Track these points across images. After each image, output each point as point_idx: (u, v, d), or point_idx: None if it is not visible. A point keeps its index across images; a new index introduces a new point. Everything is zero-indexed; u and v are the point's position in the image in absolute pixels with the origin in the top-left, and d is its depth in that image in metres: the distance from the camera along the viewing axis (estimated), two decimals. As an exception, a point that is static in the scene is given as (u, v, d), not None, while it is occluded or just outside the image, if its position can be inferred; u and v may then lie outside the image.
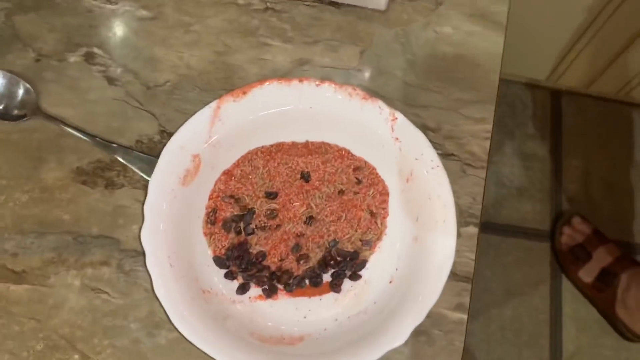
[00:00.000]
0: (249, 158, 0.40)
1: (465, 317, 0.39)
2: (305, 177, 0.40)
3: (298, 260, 0.38)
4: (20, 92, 0.43)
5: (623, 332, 1.19)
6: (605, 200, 1.39)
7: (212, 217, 0.39)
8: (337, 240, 0.39)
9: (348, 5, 0.47)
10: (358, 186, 0.40)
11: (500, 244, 1.35)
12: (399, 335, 0.33)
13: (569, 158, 1.43)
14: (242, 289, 0.38)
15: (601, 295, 1.23)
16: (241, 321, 0.36)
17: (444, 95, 0.45)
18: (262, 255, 0.38)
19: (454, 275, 0.40)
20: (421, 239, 0.37)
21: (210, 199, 0.39)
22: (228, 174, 0.39)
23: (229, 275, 0.38)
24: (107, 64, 0.45)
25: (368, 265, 0.39)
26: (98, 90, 0.44)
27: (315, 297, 0.38)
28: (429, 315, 0.39)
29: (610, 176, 1.41)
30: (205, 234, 0.38)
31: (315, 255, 0.39)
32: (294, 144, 0.40)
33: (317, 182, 0.40)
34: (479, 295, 1.30)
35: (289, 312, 0.37)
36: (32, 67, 0.44)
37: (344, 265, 0.38)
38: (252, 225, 0.39)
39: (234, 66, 0.45)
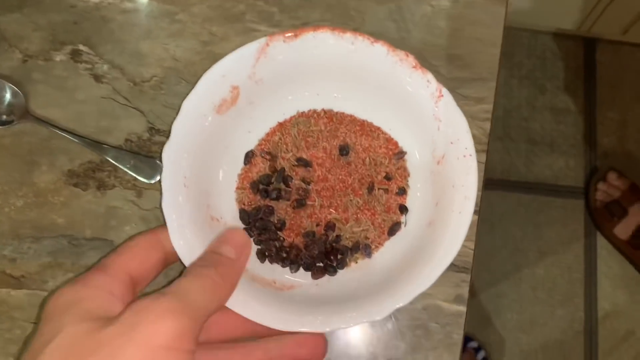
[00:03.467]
0: (309, 115, 0.41)
1: (464, 309, 0.38)
2: (344, 151, 0.40)
3: (307, 245, 0.39)
4: (8, 96, 0.42)
5: (660, 289, 1.15)
6: (643, 152, 1.33)
7: (247, 158, 0.40)
8: (340, 236, 0.39)
9: (337, -18, 0.44)
10: (388, 183, 0.40)
11: (531, 202, 1.32)
12: (380, 311, 0.33)
13: (604, 110, 1.37)
14: (262, 256, 0.38)
15: (638, 252, 1.20)
16: None
17: (440, 74, 0.42)
18: (282, 224, 0.39)
19: (452, 266, 0.39)
20: (434, 225, 0.36)
21: (259, 144, 0.41)
22: (283, 125, 0.41)
23: (248, 231, 0.39)
24: (93, 61, 0.44)
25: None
26: (85, 89, 0.43)
27: None
28: (426, 308, 0.38)
29: (649, 127, 1.35)
30: (239, 176, 0.40)
31: (320, 246, 0.39)
32: (353, 118, 0.40)
33: (355, 164, 0.40)
34: (510, 256, 1.29)
35: (284, 270, 0.38)
36: (20, 68, 0.44)
37: (341, 259, 0.38)
38: (278, 192, 0.39)
39: (221, 55, 0.43)
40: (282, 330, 0.33)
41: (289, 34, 0.37)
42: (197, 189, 0.37)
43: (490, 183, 1.34)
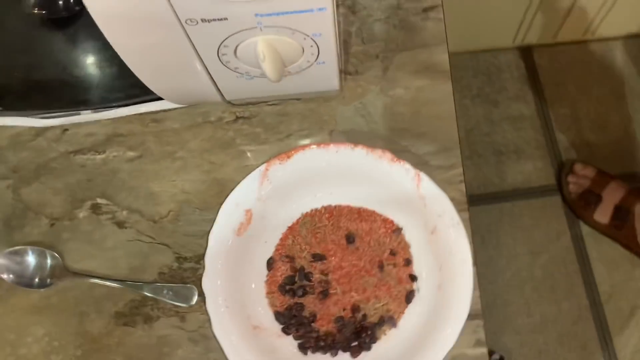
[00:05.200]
0: (312, 214, 0.47)
1: (485, 350, 0.44)
2: (350, 239, 0.46)
3: (339, 330, 0.44)
4: (49, 261, 0.48)
5: (652, 260, 1.21)
6: (600, 139, 1.42)
7: (269, 265, 0.46)
8: (366, 314, 0.45)
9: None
10: (394, 258, 0.46)
11: (512, 209, 1.39)
12: None
13: (556, 108, 1.47)
14: (303, 350, 0.44)
15: (621, 232, 1.26)
16: (285, 354, 0.43)
17: (412, 152, 0.49)
18: (314, 316, 0.45)
19: (467, 316, 0.45)
20: (443, 289, 0.42)
21: (276, 250, 0.46)
22: (292, 228, 0.47)
23: (285, 330, 0.44)
24: (112, 211, 0.50)
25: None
26: (112, 237, 0.49)
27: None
28: (455, 358, 0.44)
29: (599, 115, 1.44)
30: (266, 283, 0.46)
31: (351, 328, 0.44)
32: (350, 208, 0.47)
33: (362, 248, 0.46)
34: (507, 264, 1.35)
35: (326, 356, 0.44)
36: (49, 232, 0.49)
37: (372, 334, 0.44)
38: (303, 288, 0.45)
39: (223, 179, 0.50)
40: None
41: (283, 157, 0.43)
42: (236, 305, 0.42)
43: (471, 199, 1.41)
